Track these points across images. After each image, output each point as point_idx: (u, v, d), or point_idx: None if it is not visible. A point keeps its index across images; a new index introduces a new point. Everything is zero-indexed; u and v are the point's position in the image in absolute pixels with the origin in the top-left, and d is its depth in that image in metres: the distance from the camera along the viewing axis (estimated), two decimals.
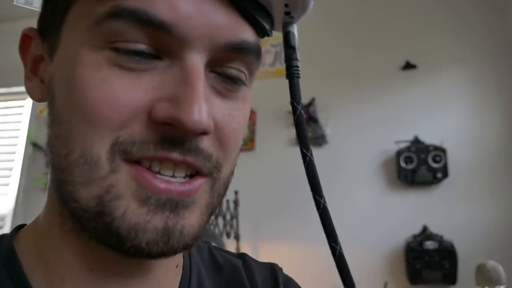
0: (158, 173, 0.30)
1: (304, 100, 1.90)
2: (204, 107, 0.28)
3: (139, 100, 0.29)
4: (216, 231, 1.95)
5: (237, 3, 0.30)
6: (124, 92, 0.28)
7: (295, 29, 0.34)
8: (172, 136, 0.29)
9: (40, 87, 0.36)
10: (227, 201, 2.02)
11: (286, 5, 0.32)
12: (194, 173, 0.31)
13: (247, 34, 0.32)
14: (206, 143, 0.31)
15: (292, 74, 0.33)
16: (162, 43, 0.29)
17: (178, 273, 0.41)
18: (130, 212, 0.29)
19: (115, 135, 0.29)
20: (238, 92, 0.33)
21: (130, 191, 0.29)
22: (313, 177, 0.33)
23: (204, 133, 0.29)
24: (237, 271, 0.48)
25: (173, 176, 0.30)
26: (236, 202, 2.04)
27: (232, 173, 0.36)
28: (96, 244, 0.32)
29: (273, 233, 2.16)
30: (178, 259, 0.41)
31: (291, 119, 1.55)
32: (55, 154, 0.32)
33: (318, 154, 0.90)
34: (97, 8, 0.28)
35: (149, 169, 0.29)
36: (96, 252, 0.33)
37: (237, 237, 2.00)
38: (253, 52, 0.33)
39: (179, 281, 0.40)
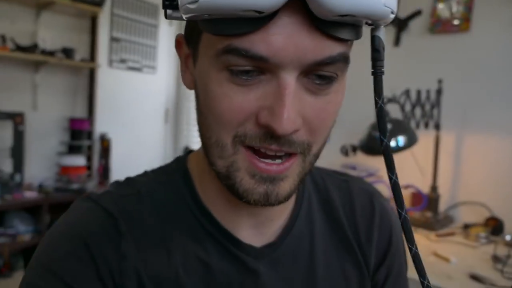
0: (263, 156, 0.42)
1: None
2: (291, 116, 0.38)
3: (249, 108, 0.40)
4: (412, 122, 1.94)
5: (321, 29, 0.37)
6: (239, 103, 0.40)
7: (381, 32, 0.39)
8: (271, 134, 0.39)
9: (190, 79, 0.49)
10: (427, 91, 1.94)
11: (370, 24, 0.38)
12: (289, 154, 0.42)
13: (332, 50, 0.38)
14: (297, 134, 0.41)
15: (376, 72, 0.39)
16: (263, 67, 0.38)
17: (293, 196, 0.52)
18: (244, 181, 0.43)
19: (235, 131, 0.41)
20: (329, 88, 0.41)
21: (244, 167, 0.42)
22: None
23: (293, 132, 0.40)
24: (339, 195, 0.60)
25: (275, 156, 0.42)
26: (439, 91, 1.94)
27: (323, 147, 0.46)
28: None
29: (482, 124, 1.98)
30: None
31: None
32: (202, 133, 0.46)
33: None
34: (217, 44, 0.38)
35: (258, 152, 0.42)
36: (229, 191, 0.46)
37: (437, 126, 1.95)
38: (339, 61, 0.39)
39: (294, 202, 0.56)
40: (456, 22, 2.06)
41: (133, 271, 0.46)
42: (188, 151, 0.57)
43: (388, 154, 0.39)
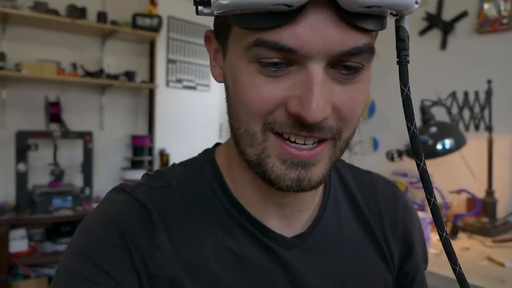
0: (294, 142, 0.42)
1: None
2: (320, 105, 0.39)
3: (278, 97, 0.41)
4: (461, 125, 1.89)
5: (347, 20, 0.38)
6: (267, 93, 0.41)
7: (406, 22, 0.40)
8: (301, 122, 0.40)
9: (219, 73, 0.50)
10: (476, 92, 1.89)
11: (394, 15, 0.40)
12: (320, 139, 0.43)
13: (358, 41, 0.39)
14: (328, 121, 0.42)
15: (401, 62, 0.40)
16: (292, 58, 0.39)
17: (320, 187, 0.55)
18: (275, 167, 0.43)
19: (264, 119, 0.42)
20: (356, 78, 0.42)
21: (275, 154, 0.43)
22: None
23: (323, 120, 0.40)
24: (362, 186, 0.62)
25: (304, 144, 0.43)
26: (488, 92, 1.89)
27: (353, 133, 0.46)
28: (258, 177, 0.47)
29: None
30: None
31: None
32: (231, 124, 0.46)
33: None
34: (247, 38, 0.40)
35: (288, 139, 0.42)
36: (260, 181, 0.47)
37: (489, 128, 1.89)
38: (365, 52, 0.40)
39: (321, 193, 0.57)
40: (505, 21, 2.00)
41: (167, 261, 0.47)
42: (216, 144, 0.59)
43: (415, 142, 0.40)
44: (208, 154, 0.56)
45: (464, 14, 2.17)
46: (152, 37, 3.35)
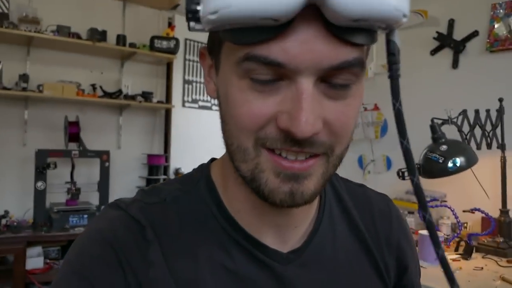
0: (286, 157, 0.42)
1: None
2: (310, 120, 0.39)
3: (269, 113, 0.41)
4: (472, 142, 1.88)
5: (336, 34, 0.38)
6: (258, 108, 0.41)
7: (396, 36, 0.40)
8: (291, 137, 0.40)
9: (213, 88, 0.50)
10: (487, 111, 1.88)
11: (384, 28, 0.39)
12: (312, 154, 0.43)
13: (347, 55, 0.39)
14: (319, 136, 0.41)
15: (392, 76, 0.39)
16: (281, 73, 0.40)
17: (315, 202, 0.56)
18: (269, 181, 0.43)
19: (256, 135, 0.42)
20: (347, 93, 0.42)
21: (268, 168, 0.43)
22: None
23: (313, 135, 0.40)
24: (357, 201, 0.62)
25: (296, 159, 0.43)
26: (500, 111, 1.88)
27: (346, 149, 0.46)
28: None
29: None
30: None
31: None
32: (225, 140, 0.47)
33: None
34: (238, 53, 0.40)
35: (279, 155, 0.43)
36: (255, 198, 0.46)
37: (502, 147, 1.87)
38: (355, 66, 0.40)
39: (316, 207, 0.57)
40: None
41: (161, 279, 0.46)
42: (211, 159, 0.59)
43: (408, 156, 0.39)
44: (204, 170, 0.56)
45: (475, 34, 2.18)
46: (169, 58, 3.44)
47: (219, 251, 0.50)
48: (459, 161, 1.69)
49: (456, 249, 1.86)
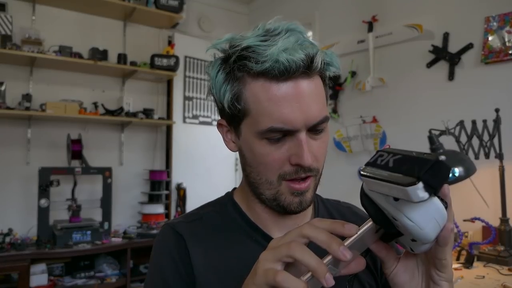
0: (297, 181, 0.66)
1: None
2: (309, 156, 0.63)
3: (284, 157, 0.64)
4: (470, 152, 1.91)
5: (321, 103, 0.65)
6: (276, 155, 0.64)
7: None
8: (300, 167, 0.64)
9: (234, 145, 0.72)
10: (484, 121, 1.92)
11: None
12: (307, 177, 0.66)
13: (325, 112, 0.65)
14: (312, 164, 0.65)
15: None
16: (286, 132, 0.63)
17: (310, 209, 0.78)
18: (287, 198, 0.67)
19: (277, 172, 0.65)
20: (321, 134, 0.66)
21: (286, 191, 0.67)
22: None
23: (312, 163, 0.64)
24: (342, 214, 0.81)
25: (303, 180, 0.66)
26: (497, 121, 1.91)
27: (322, 170, 0.70)
28: (270, 207, 0.70)
29: None
30: None
31: None
32: (251, 176, 0.69)
33: None
34: (260, 125, 0.63)
35: (293, 180, 0.66)
36: (270, 210, 0.71)
37: (500, 156, 1.90)
38: (327, 119, 0.65)
39: (312, 213, 0.78)
40: (510, 51, 2.05)
41: (201, 268, 0.68)
42: (233, 188, 0.82)
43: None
44: (229, 195, 0.80)
45: (469, 46, 2.23)
46: (169, 76, 3.51)
47: (243, 247, 0.70)
48: (458, 171, 1.71)
49: (458, 258, 1.88)
